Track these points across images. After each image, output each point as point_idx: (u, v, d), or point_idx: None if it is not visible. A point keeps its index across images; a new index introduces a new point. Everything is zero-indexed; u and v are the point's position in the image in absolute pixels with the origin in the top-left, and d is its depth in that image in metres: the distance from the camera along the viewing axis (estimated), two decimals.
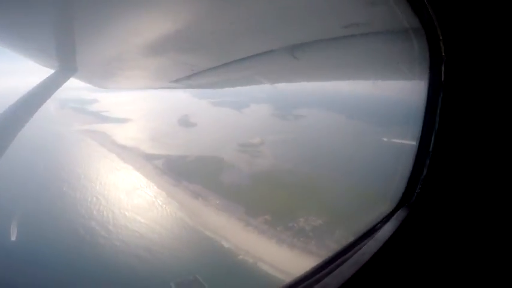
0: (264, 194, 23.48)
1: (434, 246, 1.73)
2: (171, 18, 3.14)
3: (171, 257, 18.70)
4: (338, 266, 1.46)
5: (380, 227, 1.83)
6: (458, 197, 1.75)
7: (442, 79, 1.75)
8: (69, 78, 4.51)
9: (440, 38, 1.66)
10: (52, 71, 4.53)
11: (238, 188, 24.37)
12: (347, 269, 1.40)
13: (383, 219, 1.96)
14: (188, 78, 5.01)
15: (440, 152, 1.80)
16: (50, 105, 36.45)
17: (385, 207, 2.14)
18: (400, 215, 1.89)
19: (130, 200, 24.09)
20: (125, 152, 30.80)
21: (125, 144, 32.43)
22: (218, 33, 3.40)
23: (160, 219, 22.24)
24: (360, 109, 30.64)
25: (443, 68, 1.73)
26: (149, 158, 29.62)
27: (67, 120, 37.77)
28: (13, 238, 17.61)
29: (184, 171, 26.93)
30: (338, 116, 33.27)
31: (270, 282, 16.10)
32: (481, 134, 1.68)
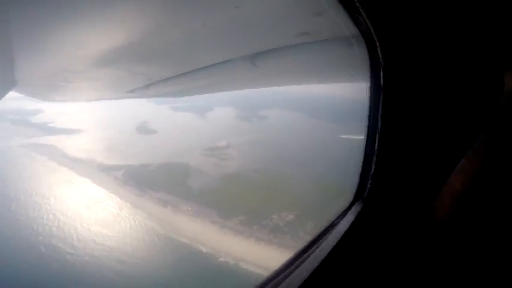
0: (235, 195, 23.36)
1: (386, 238, 1.92)
2: (125, 27, 3.02)
3: (149, 268, 17.74)
4: (301, 263, 1.56)
5: (338, 222, 1.97)
6: (403, 189, 1.96)
7: (381, 82, 1.89)
8: (7, 92, 4.04)
9: (377, 44, 1.78)
10: None
11: (208, 192, 23.90)
12: (308, 265, 1.49)
13: (341, 213, 2.12)
14: (145, 88, 4.80)
15: (384, 150, 1.98)
16: None
17: (345, 202, 2.31)
18: (355, 209, 2.04)
19: (92, 214, 22.20)
20: (80, 165, 28.21)
21: (78, 156, 29.67)
22: (177, 43, 3.35)
23: (129, 231, 20.91)
24: (320, 109, 31.85)
25: (381, 73, 1.87)
26: (107, 169, 27.47)
27: (7, 134, 33.47)
28: None
29: (148, 180, 25.57)
30: (298, 115, 34.25)
31: (256, 281, 16.02)
32: (419, 132, 1.89)
